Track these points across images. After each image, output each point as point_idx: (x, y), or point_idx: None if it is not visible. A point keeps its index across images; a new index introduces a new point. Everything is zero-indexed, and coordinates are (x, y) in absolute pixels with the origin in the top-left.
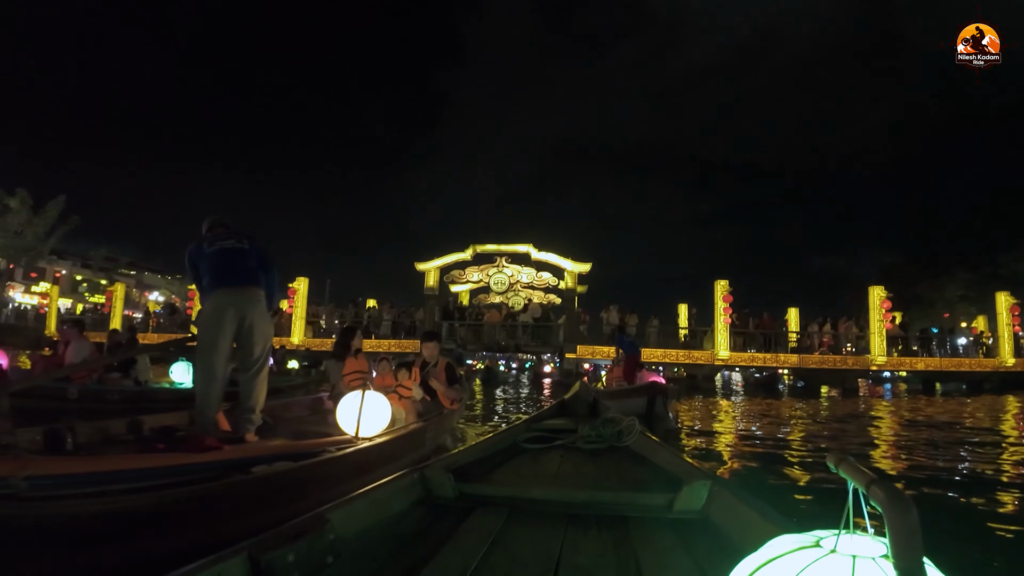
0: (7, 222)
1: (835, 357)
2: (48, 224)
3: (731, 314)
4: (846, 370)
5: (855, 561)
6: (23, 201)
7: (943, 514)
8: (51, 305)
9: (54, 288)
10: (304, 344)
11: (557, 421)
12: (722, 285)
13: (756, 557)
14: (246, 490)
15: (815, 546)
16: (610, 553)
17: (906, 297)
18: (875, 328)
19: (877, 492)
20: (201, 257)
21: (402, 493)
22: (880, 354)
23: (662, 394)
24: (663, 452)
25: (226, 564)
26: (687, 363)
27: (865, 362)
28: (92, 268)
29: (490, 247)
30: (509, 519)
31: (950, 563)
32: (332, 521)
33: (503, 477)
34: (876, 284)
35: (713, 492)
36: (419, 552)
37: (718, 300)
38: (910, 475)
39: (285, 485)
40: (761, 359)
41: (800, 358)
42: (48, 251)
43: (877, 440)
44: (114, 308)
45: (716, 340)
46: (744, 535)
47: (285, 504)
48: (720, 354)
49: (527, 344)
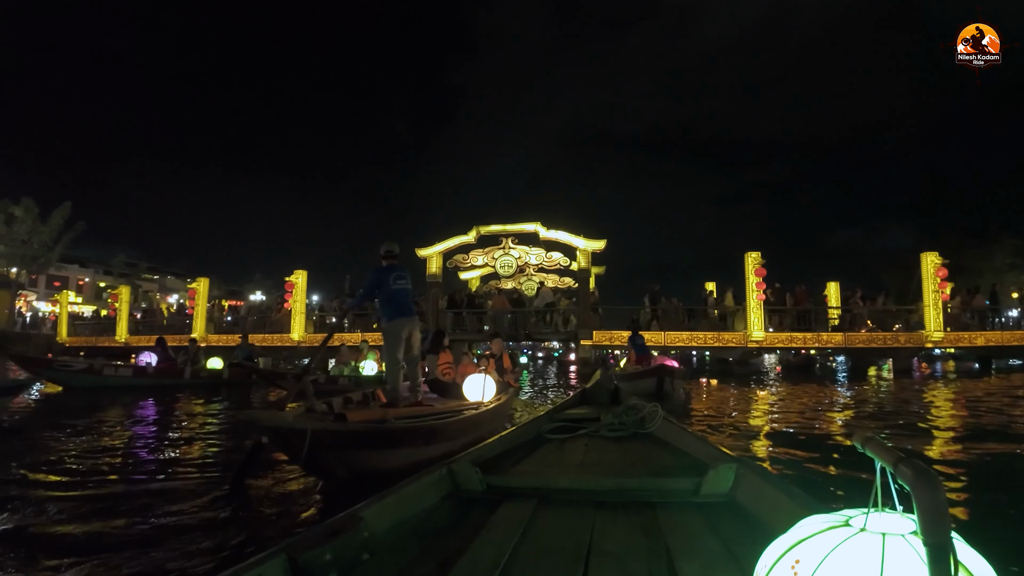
0: (13, 231)
1: (885, 334)
2: (54, 232)
3: (764, 290)
4: (898, 348)
5: (885, 539)
6: (28, 209)
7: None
8: (61, 312)
9: (63, 295)
10: (305, 340)
11: (579, 410)
12: (753, 257)
13: (786, 538)
14: (464, 424)
15: (844, 525)
16: (640, 539)
17: (950, 268)
18: (929, 300)
19: (904, 470)
20: (383, 285)
21: (431, 488)
22: (936, 329)
23: (669, 375)
24: (687, 437)
25: (265, 565)
26: (716, 346)
27: (919, 339)
28: (113, 274)
29: (495, 227)
30: (537, 509)
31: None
32: (365, 519)
33: (529, 468)
34: (928, 251)
35: (739, 475)
36: (451, 545)
37: (749, 275)
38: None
39: (472, 423)
40: (801, 339)
41: (845, 336)
42: (56, 258)
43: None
44: (120, 311)
45: (749, 319)
46: (772, 517)
47: (474, 431)
48: (754, 335)
49: (537, 332)
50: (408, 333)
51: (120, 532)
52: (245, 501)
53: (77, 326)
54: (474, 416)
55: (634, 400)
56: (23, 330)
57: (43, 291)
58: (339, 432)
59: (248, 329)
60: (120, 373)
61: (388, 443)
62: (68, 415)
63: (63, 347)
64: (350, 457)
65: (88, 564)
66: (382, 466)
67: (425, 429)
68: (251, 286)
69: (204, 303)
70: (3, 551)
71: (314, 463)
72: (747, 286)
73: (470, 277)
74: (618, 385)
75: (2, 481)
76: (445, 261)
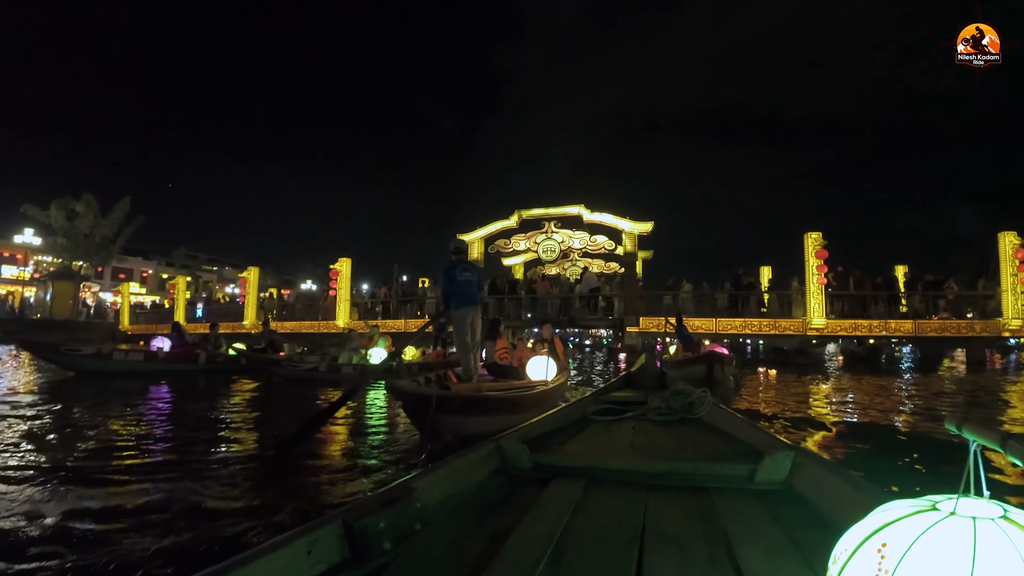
0: (76, 226)
1: (959, 322)
2: (115, 226)
3: (826, 273)
4: (973, 337)
5: (976, 523)
6: (89, 205)
7: None
8: (123, 302)
9: (125, 286)
10: (349, 326)
11: (625, 393)
12: (814, 238)
13: (868, 522)
14: (540, 397)
15: (932, 509)
16: (696, 522)
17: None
18: (1008, 284)
19: (1016, 446)
20: (452, 279)
21: (480, 464)
22: (1016, 316)
23: (719, 361)
24: (739, 423)
25: (323, 531)
26: (772, 334)
27: (996, 327)
28: (175, 266)
29: (537, 211)
30: (588, 489)
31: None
32: (418, 489)
33: (577, 448)
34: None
35: (797, 463)
36: (503, 520)
37: (809, 257)
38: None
39: (544, 396)
40: (866, 326)
41: (915, 324)
42: (117, 251)
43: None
44: (177, 300)
45: (809, 305)
46: (834, 506)
47: (548, 403)
48: (814, 322)
49: (582, 318)
50: (471, 320)
51: (162, 506)
52: (291, 471)
53: (138, 315)
54: (546, 391)
55: (682, 385)
56: (88, 319)
57: (108, 282)
58: (453, 398)
59: (297, 316)
60: (131, 358)
61: (485, 410)
62: (77, 399)
63: (125, 335)
64: (456, 421)
65: (149, 534)
66: (478, 430)
67: (511, 399)
68: (303, 275)
69: (255, 292)
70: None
71: (433, 425)
72: (806, 269)
73: (513, 263)
74: (664, 370)
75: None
76: (487, 247)
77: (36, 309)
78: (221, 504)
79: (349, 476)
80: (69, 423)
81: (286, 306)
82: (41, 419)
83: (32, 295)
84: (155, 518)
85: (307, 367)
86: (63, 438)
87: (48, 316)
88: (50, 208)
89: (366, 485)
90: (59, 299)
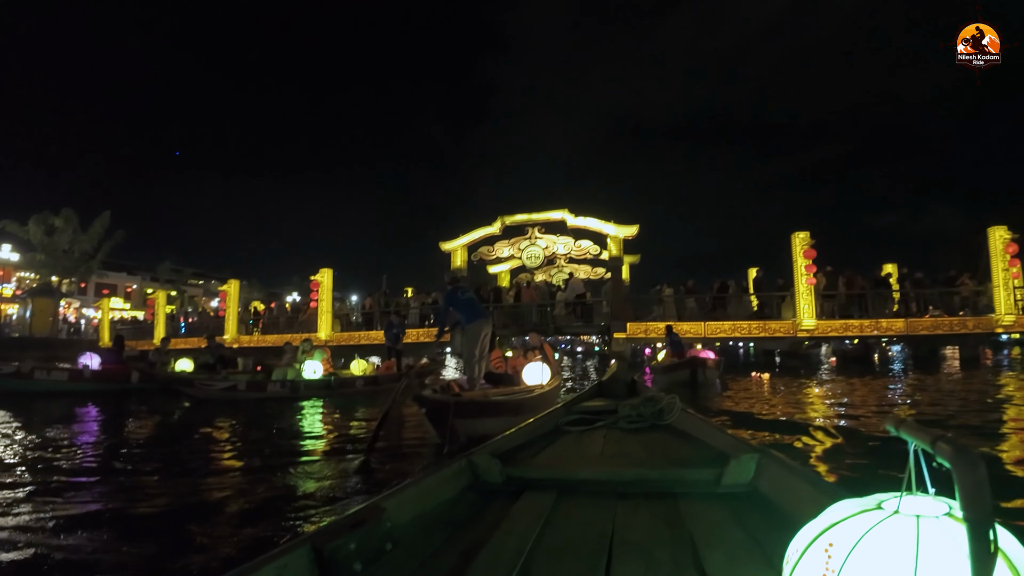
0: (54, 241)
1: (951, 319)
2: (95, 241)
3: (815, 273)
4: (965, 334)
5: (919, 521)
6: (68, 220)
7: None
8: (103, 318)
9: (105, 301)
10: (332, 339)
11: (596, 402)
12: (801, 238)
13: (818, 522)
14: (539, 400)
15: (877, 508)
16: (662, 529)
17: (1020, 244)
18: (999, 280)
19: (944, 447)
20: (456, 301)
21: (451, 480)
22: (1008, 312)
23: (702, 366)
24: (707, 428)
25: (291, 555)
26: (762, 336)
27: (989, 323)
28: (160, 281)
29: (520, 217)
30: (558, 500)
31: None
32: (388, 509)
33: (548, 460)
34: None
35: (761, 465)
36: (473, 536)
37: (797, 257)
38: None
39: (543, 399)
40: (857, 326)
41: (907, 323)
42: (97, 267)
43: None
44: (157, 315)
45: (798, 306)
46: (795, 506)
47: (546, 404)
48: (804, 323)
49: (567, 325)
50: (484, 333)
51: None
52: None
53: (120, 330)
54: (544, 393)
55: (652, 392)
56: (68, 336)
57: (91, 298)
58: (467, 403)
59: (281, 329)
60: (53, 377)
61: (493, 412)
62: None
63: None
64: (469, 424)
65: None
66: (488, 431)
67: (516, 402)
68: (290, 288)
69: (235, 305)
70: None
71: (449, 428)
72: (795, 270)
73: (499, 271)
74: (635, 378)
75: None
76: (470, 254)
77: (17, 327)
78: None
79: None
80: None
81: (273, 319)
82: None
83: (15, 312)
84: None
85: (224, 386)
86: None
87: (28, 334)
88: (29, 224)
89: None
90: (39, 316)
